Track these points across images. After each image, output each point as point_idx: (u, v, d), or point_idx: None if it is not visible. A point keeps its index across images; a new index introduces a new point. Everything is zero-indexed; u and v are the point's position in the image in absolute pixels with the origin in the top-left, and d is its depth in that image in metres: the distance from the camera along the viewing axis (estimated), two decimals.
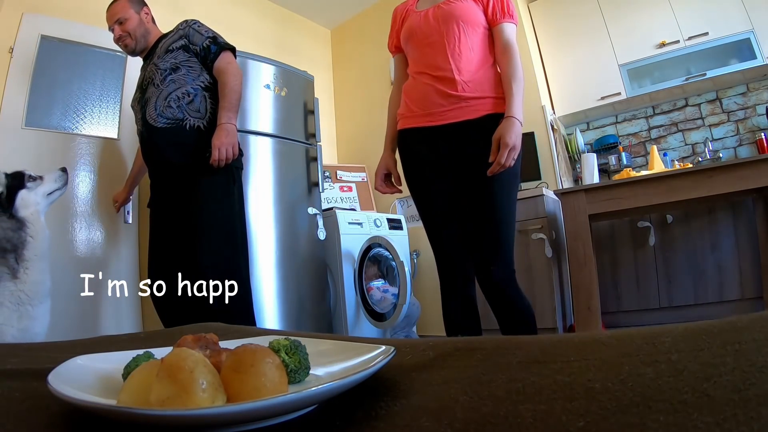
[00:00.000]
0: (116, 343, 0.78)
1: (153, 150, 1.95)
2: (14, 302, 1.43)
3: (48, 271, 1.58)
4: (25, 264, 1.47)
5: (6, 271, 1.41)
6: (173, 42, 2.07)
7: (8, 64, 2.41)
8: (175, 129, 1.91)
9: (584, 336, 0.44)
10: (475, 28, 1.55)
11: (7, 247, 1.43)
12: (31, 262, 1.48)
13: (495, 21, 1.55)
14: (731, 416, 0.24)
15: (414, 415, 0.33)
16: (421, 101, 1.61)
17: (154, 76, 1.96)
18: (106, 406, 0.31)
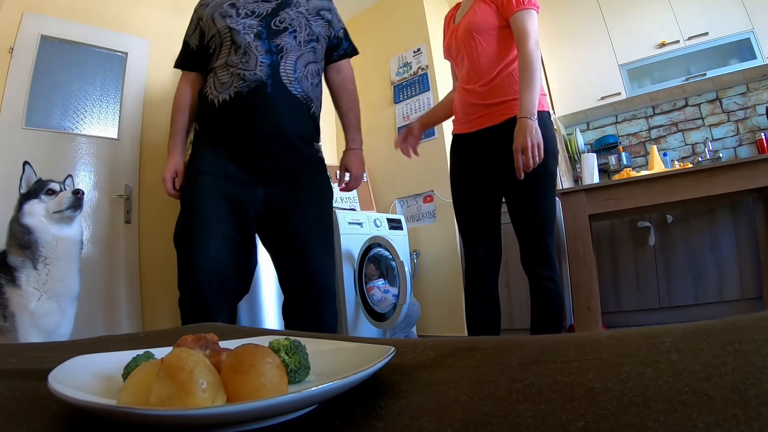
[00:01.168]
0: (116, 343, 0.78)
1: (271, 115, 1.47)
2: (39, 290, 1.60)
3: (74, 274, 1.69)
4: (44, 260, 1.61)
5: (28, 260, 1.61)
6: (323, 8, 1.65)
7: (8, 64, 2.41)
8: (304, 108, 1.55)
9: (584, 336, 0.44)
10: (490, 32, 1.56)
11: (21, 243, 1.62)
12: (50, 260, 1.61)
13: (508, 14, 1.52)
14: (731, 416, 0.24)
15: (414, 415, 0.33)
16: (460, 110, 1.72)
17: (299, 27, 1.54)
18: (106, 406, 0.31)
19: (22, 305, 1.57)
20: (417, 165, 3.62)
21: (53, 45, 2.58)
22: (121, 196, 2.73)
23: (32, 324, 1.56)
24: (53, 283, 1.61)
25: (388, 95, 3.80)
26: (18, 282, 1.58)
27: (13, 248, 1.63)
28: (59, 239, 1.66)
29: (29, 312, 1.56)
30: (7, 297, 1.58)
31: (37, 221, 1.64)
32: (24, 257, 1.61)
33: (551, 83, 3.52)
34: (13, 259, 1.61)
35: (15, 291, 1.58)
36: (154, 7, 3.10)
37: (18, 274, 1.59)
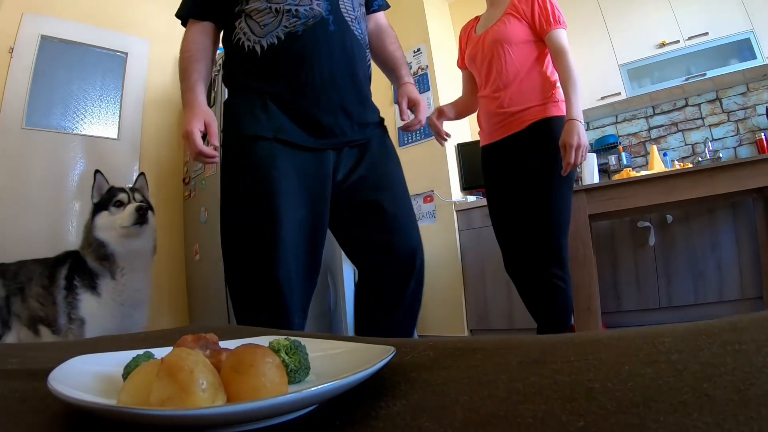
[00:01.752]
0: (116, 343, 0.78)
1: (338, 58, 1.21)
2: (116, 300, 1.62)
3: (144, 281, 1.72)
4: (121, 271, 1.64)
5: (106, 272, 1.63)
6: None
7: (8, 64, 2.41)
8: (366, 56, 1.31)
9: (584, 336, 0.44)
10: (520, 46, 1.68)
11: (98, 254, 1.63)
12: (126, 271, 1.64)
13: (543, 32, 1.67)
14: (731, 416, 0.24)
15: (414, 415, 0.33)
16: (485, 121, 1.79)
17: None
18: (106, 406, 0.31)
19: (95, 313, 1.58)
20: (417, 165, 3.62)
21: (53, 45, 2.58)
22: None
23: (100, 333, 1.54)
24: (128, 293, 1.64)
25: (388, 95, 3.80)
26: (98, 290, 1.60)
27: (90, 256, 1.64)
28: (133, 252, 1.67)
29: (103, 321, 1.57)
30: (81, 301, 1.58)
31: (110, 235, 1.65)
32: (102, 267, 1.62)
33: None
34: (93, 265, 1.63)
35: (92, 298, 1.59)
36: (154, 7, 3.10)
37: (98, 282, 1.61)
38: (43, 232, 2.42)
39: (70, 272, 1.66)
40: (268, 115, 1.19)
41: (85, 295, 1.59)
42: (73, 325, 1.56)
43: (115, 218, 1.66)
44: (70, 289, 1.61)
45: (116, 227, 1.65)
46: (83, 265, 1.64)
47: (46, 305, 1.63)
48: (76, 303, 1.58)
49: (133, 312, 1.66)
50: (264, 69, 1.20)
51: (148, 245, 1.74)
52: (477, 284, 3.10)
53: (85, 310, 1.58)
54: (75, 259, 1.69)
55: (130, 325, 1.65)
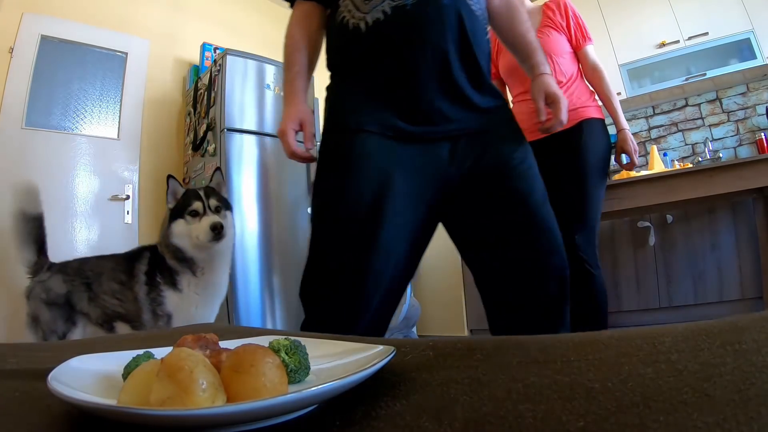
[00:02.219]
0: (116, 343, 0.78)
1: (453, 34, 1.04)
2: (198, 293, 1.66)
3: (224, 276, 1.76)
4: (201, 270, 1.67)
5: (186, 269, 1.66)
6: None
7: (8, 64, 2.41)
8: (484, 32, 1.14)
9: (584, 336, 0.44)
10: (563, 56, 1.82)
11: (177, 257, 1.67)
12: (206, 269, 1.68)
13: (579, 46, 1.82)
14: (731, 416, 0.24)
15: (414, 415, 0.33)
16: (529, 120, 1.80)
17: None
18: (106, 406, 0.31)
19: (181, 308, 1.61)
20: None
21: (53, 45, 2.58)
22: (121, 197, 2.74)
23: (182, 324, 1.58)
24: (210, 288, 1.68)
25: None
26: (179, 286, 1.63)
27: (168, 255, 1.66)
28: (212, 255, 1.68)
29: (188, 315, 1.61)
30: (166, 298, 1.61)
31: (186, 243, 1.66)
32: (182, 266, 1.65)
33: None
34: (172, 264, 1.65)
35: (175, 294, 1.62)
36: (154, 7, 3.10)
37: (179, 278, 1.63)
38: None
39: (150, 268, 1.67)
40: (372, 104, 1.06)
41: (168, 291, 1.62)
42: (160, 322, 1.59)
43: (191, 228, 1.66)
44: (153, 285, 1.63)
45: (192, 237, 1.65)
46: (162, 261, 1.66)
47: (126, 301, 1.64)
48: (160, 299, 1.61)
49: (212, 303, 1.70)
50: (368, 49, 1.06)
51: (227, 247, 1.74)
52: None
53: (170, 305, 1.61)
54: (153, 254, 1.70)
55: (210, 316, 1.71)
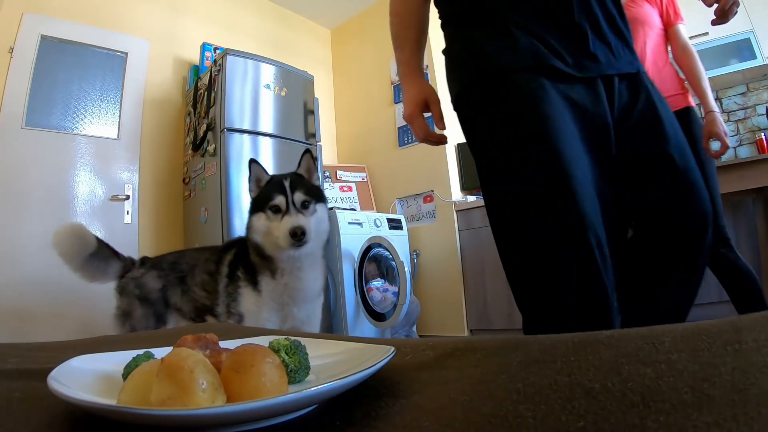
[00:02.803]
0: (116, 343, 0.78)
1: None
2: (275, 300, 1.49)
3: (310, 280, 1.53)
4: (281, 272, 1.49)
5: (266, 270, 1.50)
6: None
7: (8, 64, 2.41)
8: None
9: (584, 336, 0.44)
10: (654, 30, 1.73)
11: (258, 253, 1.50)
12: (287, 272, 1.49)
13: (671, 22, 1.73)
14: (731, 416, 0.24)
15: (414, 415, 0.33)
16: None
17: None
18: (106, 406, 0.31)
19: (253, 311, 1.47)
20: (417, 165, 3.62)
21: (53, 45, 2.58)
22: (121, 197, 2.74)
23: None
24: (290, 294, 1.50)
25: (388, 95, 3.80)
26: (258, 287, 1.49)
27: (251, 248, 1.51)
28: (295, 258, 1.47)
29: (259, 320, 1.47)
30: (242, 295, 1.48)
31: (266, 241, 1.47)
32: (262, 264, 1.50)
33: None
34: (254, 260, 1.50)
35: (252, 294, 1.48)
36: (154, 7, 3.10)
37: (259, 278, 1.49)
38: (43, 232, 2.42)
39: (235, 259, 1.54)
40: (519, 41, 0.90)
41: (246, 290, 1.48)
42: (231, 320, 1.46)
43: (271, 226, 1.45)
44: (232, 278, 1.51)
45: (272, 236, 1.44)
46: (247, 255, 1.51)
47: (211, 292, 1.54)
48: (236, 296, 1.48)
49: (290, 314, 1.50)
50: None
51: (315, 248, 1.52)
52: (477, 284, 3.10)
53: (244, 305, 1.46)
54: (241, 247, 1.55)
55: (293, 323, 1.52)
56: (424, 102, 1.07)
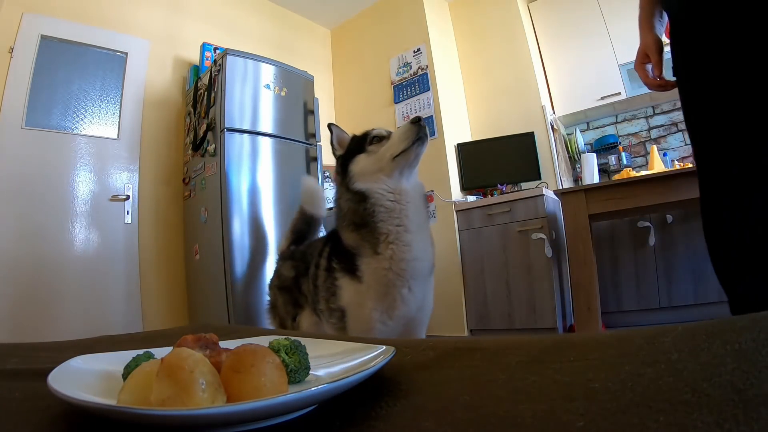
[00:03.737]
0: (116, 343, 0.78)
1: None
2: (381, 283, 1.21)
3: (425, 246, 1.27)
4: (385, 238, 1.21)
5: (365, 244, 1.21)
6: None
7: (8, 64, 2.41)
8: None
9: (584, 336, 0.44)
10: None
11: (357, 221, 1.23)
12: (394, 236, 1.21)
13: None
14: (731, 416, 0.24)
15: (414, 415, 0.33)
16: None
17: None
18: (106, 406, 0.31)
19: (354, 302, 1.22)
20: None
21: (53, 45, 2.58)
22: (121, 197, 2.74)
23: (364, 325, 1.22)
24: (396, 268, 1.20)
25: (388, 95, 3.80)
26: (358, 273, 1.22)
27: (345, 230, 1.26)
28: (403, 198, 1.23)
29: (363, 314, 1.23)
30: (340, 288, 1.25)
31: (373, 181, 1.24)
32: (361, 239, 1.23)
33: (551, 83, 3.52)
34: (349, 242, 1.25)
35: (351, 283, 1.23)
36: (154, 7, 3.10)
37: (357, 263, 1.22)
38: (43, 232, 2.42)
39: (330, 251, 1.32)
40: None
41: (344, 280, 1.24)
42: (332, 318, 1.25)
43: (378, 155, 1.26)
44: (330, 271, 1.29)
45: (383, 166, 1.24)
46: (340, 243, 1.29)
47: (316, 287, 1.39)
48: (335, 289, 1.25)
49: (409, 291, 1.22)
50: None
51: (420, 188, 1.32)
52: (477, 284, 3.10)
53: (344, 298, 1.23)
54: (334, 236, 1.35)
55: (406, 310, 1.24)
56: (644, 54, 1.15)
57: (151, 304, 2.75)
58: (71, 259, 2.49)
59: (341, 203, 1.27)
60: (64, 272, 2.46)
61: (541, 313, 2.74)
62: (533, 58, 3.42)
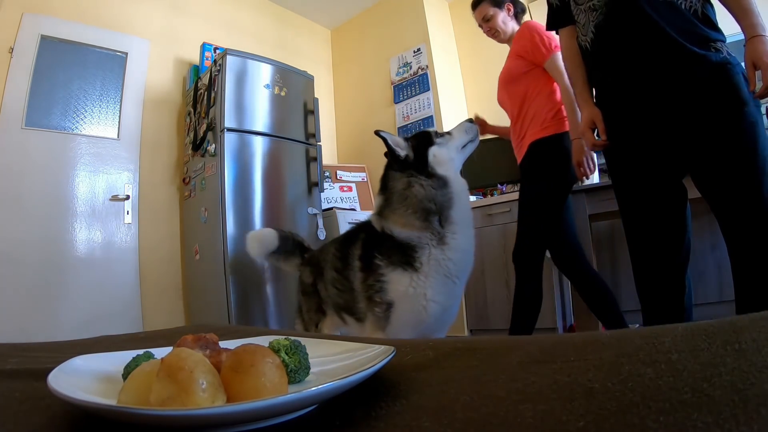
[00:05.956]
0: (116, 343, 0.78)
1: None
2: (439, 272, 1.21)
3: (474, 241, 1.31)
4: (452, 228, 1.23)
5: (430, 237, 1.22)
6: None
7: (8, 64, 2.41)
8: None
9: (584, 336, 0.44)
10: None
11: (431, 207, 1.23)
12: (458, 226, 1.24)
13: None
14: (731, 416, 0.24)
15: (414, 415, 0.33)
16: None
17: None
18: (106, 406, 0.31)
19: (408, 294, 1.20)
20: None
21: (53, 45, 2.58)
22: (121, 197, 2.74)
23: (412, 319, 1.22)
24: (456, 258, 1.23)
25: (388, 95, 3.80)
26: (416, 263, 1.20)
27: (410, 217, 1.24)
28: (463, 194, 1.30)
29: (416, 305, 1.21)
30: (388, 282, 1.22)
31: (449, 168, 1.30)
32: (425, 230, 1.22)
33: None
34: (408, 234, 1.23)
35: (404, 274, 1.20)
36: (154, 7, 3.10)
37: (416, 253, 1.21)
38: (43, 232, 2.42)
39: (364, 251, 1.31)
40: None
41: (393, 274, 1.22)
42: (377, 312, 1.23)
43: (449, 144, 1.36)
44: (369, 270, 1.27)
45: (453, 156, 1.35)
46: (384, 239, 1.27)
47: (344, 291, 1.37)
48: (381, 285, 1.23)
49: (456, 286, 1.25)
50: None
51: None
52: (477, 284, 3.10)
53: (393, 291, 1.21)
54: (369, 233, 1.33)
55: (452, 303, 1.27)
56: (591, 121, 1.46)
57: (151, 304, 2.75)
58: (71, 259, 2.49)
59: (414, 190, 1.28)
60: (63, 272, 2.46)
61: (541, 313, 2.73)
62: None
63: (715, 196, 1.27)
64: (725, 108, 1.21)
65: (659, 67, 1.27)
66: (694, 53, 1.23)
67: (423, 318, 1.22)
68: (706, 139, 1.24)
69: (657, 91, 1.29)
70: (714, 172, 1.25)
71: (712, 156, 1.24)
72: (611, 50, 1.34)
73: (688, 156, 1.30)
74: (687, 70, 1.24)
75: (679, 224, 1.39)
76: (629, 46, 1.30)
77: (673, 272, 1.43)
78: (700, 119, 1.24)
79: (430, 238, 1.23)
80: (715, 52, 1.24)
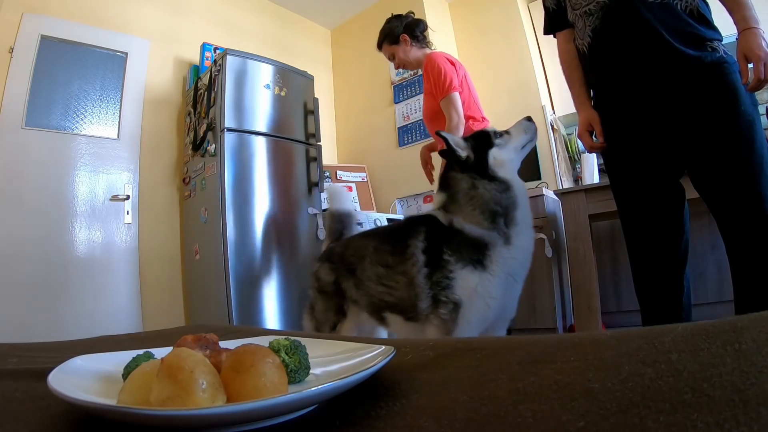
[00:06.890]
0: (116, 343, 0.78)
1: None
2: (506, 272, 1.23)
3: (534, 240, 1.33)
4: (516, 228, 1.25)
5: (498, 237, 1.23)
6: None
7: (8, 64, 2.41)
8: None
9: (584, 336, 0.44)
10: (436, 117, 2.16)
11: (497, 210, 1.25)
12: (520, 227, 1.26)
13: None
14: (731, 416, 0.24)
15: (414, 415, 0.33)
16: None
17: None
18: (106, 406, 0.31)
19: (477, 293, 1.18)
20: (417, 165, 3.62)
21: (53, 45, 2.58)
22: (121, 197, 2.74)
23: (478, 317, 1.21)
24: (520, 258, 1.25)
25: (388, 95, 3.80)
26: (485, 262, 1.20)
27: (478, 217, 1.24)
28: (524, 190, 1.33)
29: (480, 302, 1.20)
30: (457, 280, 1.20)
31: (510, 171, 1.32)
32: (491, 228, 1.23)
33: (551, 83, 3.51)
34: (479, 232, 1.23)
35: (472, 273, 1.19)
36: (154, 7, 3.10)
37: (488, 252, 1.21)
38: (43, 232, 2.42)
39: (429, 244, 1.26)
40: None
41: (463, 271, 1.20)
42: (443, 310, 1.20)
43: (509, 146, 1.36)
44: (437, 265, 1.23)
45: (512, 157, 1.36)
46: (450, 234, 1.25)
47: (396, 288, 1.30)
48: (449, 282, 1.20)
49: (515, 285, 1.27)
50: None
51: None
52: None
53: (461, 290, 1.19)
54: (431, 226, 1.29)
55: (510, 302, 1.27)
56: (588, 124, 1.49)
57: (151, 304, 2.75)
58: (71, 259, 2.49)
59: (480, 192, 1.27)
60: (64, 272, 2.46)
61: (541, 313, 2.74)
62: (533, 58, 3.42)
63: (712, 196, 1.27)
64: (721, 107, 1.22)
65: (655, 70, 1.30)
66: (689, 56, 1.25)
67: (487, 317, 1.22)
68: (703, 139, 1.26)
69: (654, 93, 1.32)
70: (711, 172, 1.26)
71: (709, 155, 1.25)
72: (608, 54, 1.38)
73: (685, 156, 1.32)
74: (683, 72, 1.26)
75: (677, 224, 1.40)
76: (626, 50, 1.33)
77: (671, 272, 1.43)
78: (697, 119, 1.25)
79: (497, 238, 1.23)
80: (710, 51, 1.26)
